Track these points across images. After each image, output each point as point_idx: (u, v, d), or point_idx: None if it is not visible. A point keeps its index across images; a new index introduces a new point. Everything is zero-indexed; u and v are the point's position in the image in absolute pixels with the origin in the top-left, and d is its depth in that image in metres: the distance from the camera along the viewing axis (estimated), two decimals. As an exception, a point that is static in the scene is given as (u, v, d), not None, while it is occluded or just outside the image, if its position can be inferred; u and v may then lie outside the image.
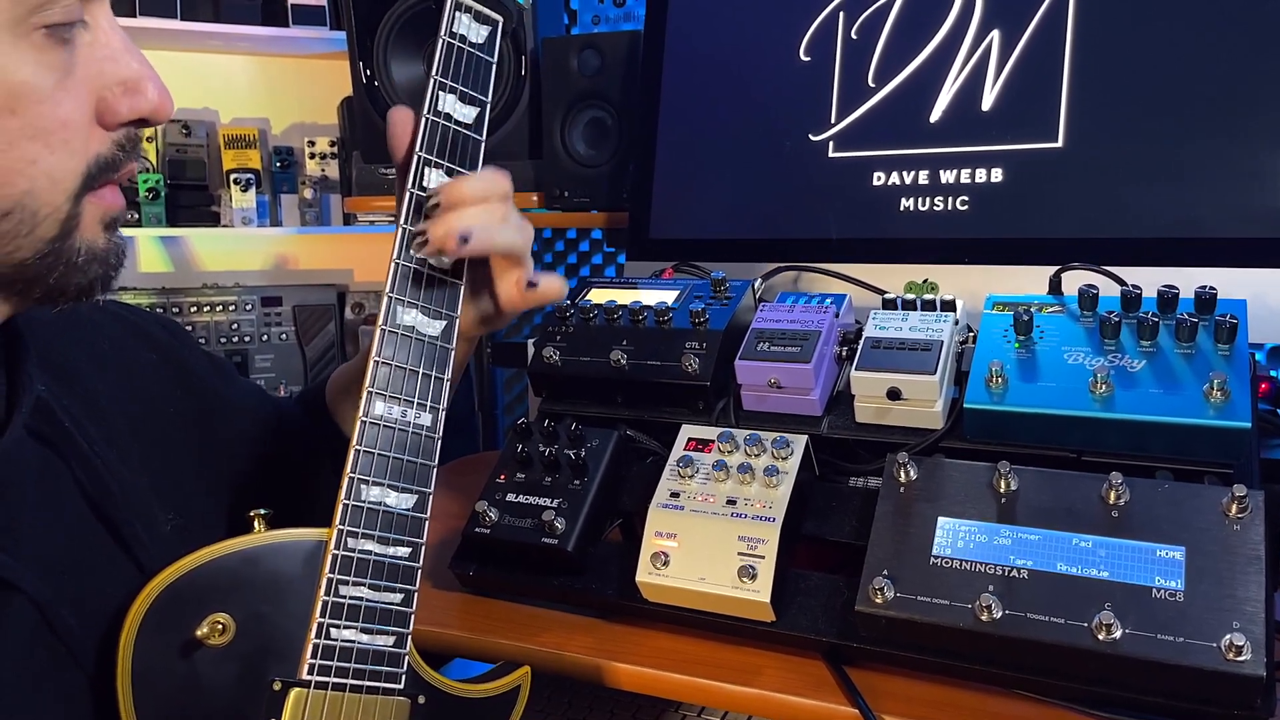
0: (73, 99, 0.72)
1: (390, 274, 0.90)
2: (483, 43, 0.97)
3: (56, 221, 0.73)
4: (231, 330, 3.57)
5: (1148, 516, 0.92)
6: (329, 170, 3.75)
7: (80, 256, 0.75)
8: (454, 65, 0.94)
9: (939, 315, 1.14)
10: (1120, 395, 0.99)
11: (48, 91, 0.70)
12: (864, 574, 0.98)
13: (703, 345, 1.21)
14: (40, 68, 0.69)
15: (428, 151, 0.92)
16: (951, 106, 1.40)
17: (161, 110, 0.76)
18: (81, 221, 0.75)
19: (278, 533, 0.84)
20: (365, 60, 2.05)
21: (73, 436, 0.82)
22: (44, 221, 0.72)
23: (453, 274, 0.93)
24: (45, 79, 0.70)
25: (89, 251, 0.76)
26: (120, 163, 0.76)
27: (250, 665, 0.81)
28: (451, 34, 0.94)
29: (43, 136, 0.70)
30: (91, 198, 0.75)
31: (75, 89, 0.72)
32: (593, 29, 2.45)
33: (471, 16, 0.95)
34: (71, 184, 0.73)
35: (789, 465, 1.08)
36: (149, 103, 0.75)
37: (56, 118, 0.71)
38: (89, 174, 0.74)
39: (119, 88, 0.74)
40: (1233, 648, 0.82)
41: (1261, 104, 1.22)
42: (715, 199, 1.60)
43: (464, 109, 0.95)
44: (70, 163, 0.72)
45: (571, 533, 1.13)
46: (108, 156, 0.75)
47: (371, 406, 0.88)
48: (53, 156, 0.71)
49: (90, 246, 0.76)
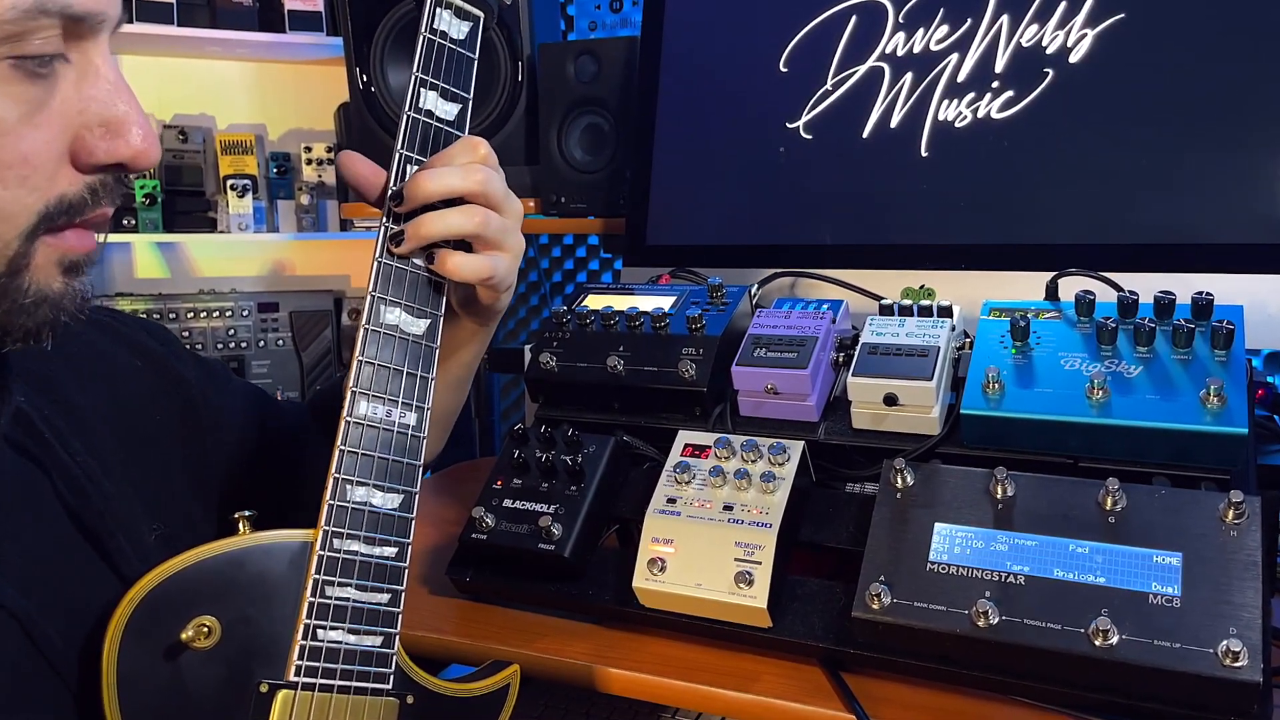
0: (41, 134, 0.68)
1: (373, 273, 0.89)
2: (464, 39, 0.96)
3: (4, 258, 0.69)
4: (228, 336, 3.56)
5: (1144, 522, 0.92)
6: (326, 176, 3.74)
7: (28, 298, 0.71)
8: (435, 62, 0.93)
9: (936, 321, 1.14)
10: (1117, 401, 0.99)
11: (9, 124, 0.66)
12: (861, 580, 0.98)
13: (699, 351, 1.21)
14: (3, 100, 0.66)
15: (409, 149, 0.92)
16: (959, 111, 1.41)
17: (143, 157, 0.72)
18: (33, 262, 0.70)
19: (263, 534, 0.83)
20: (362, 66, 2.05)
21: (53, 447, 0.80)
22: None
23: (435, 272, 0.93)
24: (7, 111, 0.66)
25: (38, 293, 0.71)
26: (87, 206, 0.72)
27: (237, 668, 0.80)
28: (432, 30, 0.93)
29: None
30: (49, 238, 0.71)
31: (47, 124, 0.68)
32: (589, 35, 2.45)
33: (452, 13, 0.95)
34: (24, 221, 0.69)
35: (786, 471, 1.08)
36: (130, 148, 0.72)
37: (17, 151, 0.67)
38: (47, 213, 0.70)
39: (100, 129, 0.71)
40: (1229, 653, 0.82)
41: (1258, 111, 1.22)
42: (712, 205, 1.60)
43: (446, 106, 0.94)
44: (27, 199, 0.68)
45: (568, 539, 1.12)
46: (73, 198, 0.71)
47: (356, 406, 0.87)
48: (5, 191, 0.67)
49: (41, 289, 0.71)
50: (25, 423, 0.79)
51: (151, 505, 0.90)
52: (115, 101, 0.71)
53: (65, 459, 0.81)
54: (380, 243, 0.90)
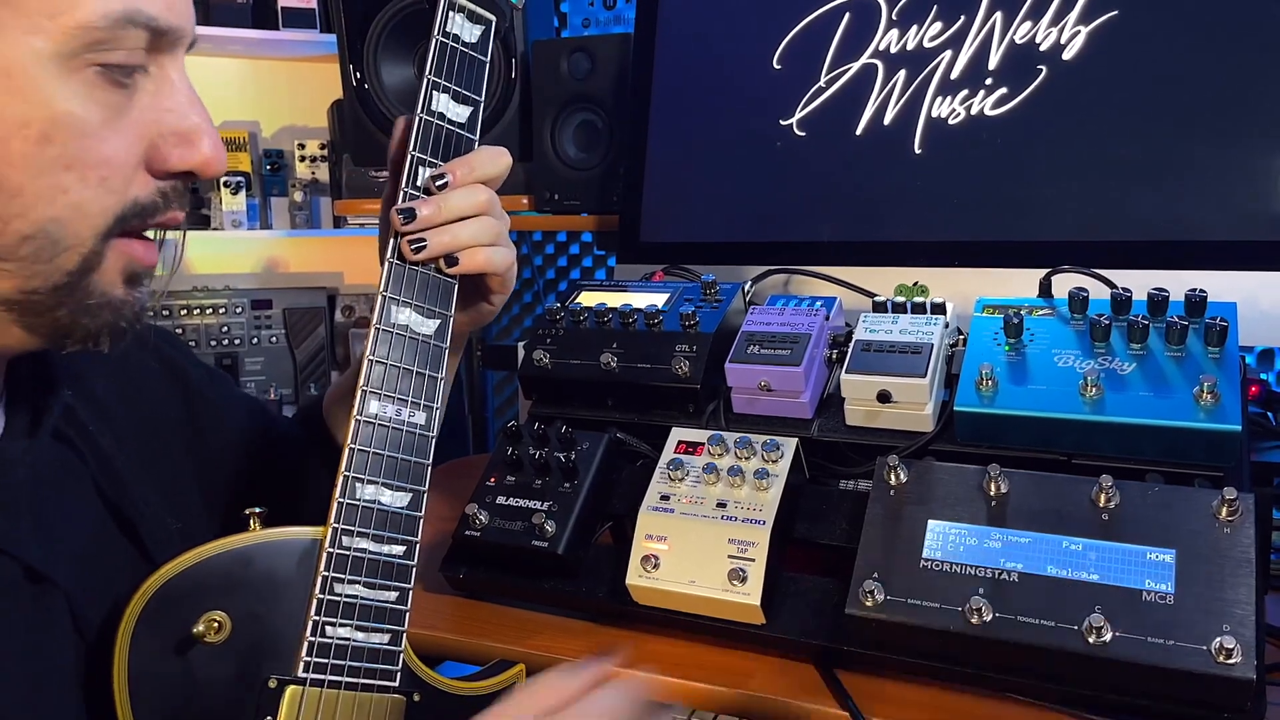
0: (121, 139, 0.72)
1: (384, 273, 0.90)
2: (476, 42, 0.97)
3: (79, 255, 0.72)
4: (222, 333, 3.55)
5: (1138, 519, 0.92)
6: (319, 173, 3.74)
7: (92, 299, 0.74)
8: (447, 65, 0.94)
9: (929, 318, 1.14)
10: (1110, 398, 0.99)
11: (93, 127, 0.70)
12: (854, 577, 0.98)
13: (693, 348, 1.21)
14: (89, 103, 0.70)
15: (421, 151, 0.93)
16: (959, 108, 1.41)
17: (211, 166, 0.76)
18: (104, 264, 0.74)
19: (273, 531, 0.84)
20: (355, 63, 2.04)
21: (95, 440, 0.84)
22: (64, 253, 0.71)
23: (448, 275, 0.94)
24: (92, 114, 0.70)
25: (102, 296, 0.75)
26: (158, 210, 0.76)
27: (246, 662, 0.82)
28: (445, 33, 0.94)
29: (79, 169, 0.70)
30: (120, 243, 0.74)
31: (126, 130, 0.72)
32: (583, 32, 2.44)
33: (465, 16, 0.96)
34: (102, 221, 0.72)
35: (779, 468, 1.08)
36: (200, 156, 0.75)
37: (100, 154, 0.71)
38: (123, 215, 0.73)
39: (174, 138, 0.75)
40: (1223, 650, 0.82)
41: (1251, 108, 1.23)
42: (706, 202, 1.60)
43: (457, 108, 0.95)
44: (105, 200, 0.72)
45: (562, 536, 1.12)
46: (146, 202, 0.75)
47: (366, 405, 0.88)
48: (86, 190, 0.71)
49: (106, 292, 0.75)
50: (73, 418, 0.83)
51: (170, 501, 0.93)
52: (189, 113, 0.76)
53: (105, 451, 0.85)
54: (392, 244, 0.90)
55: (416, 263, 0.91)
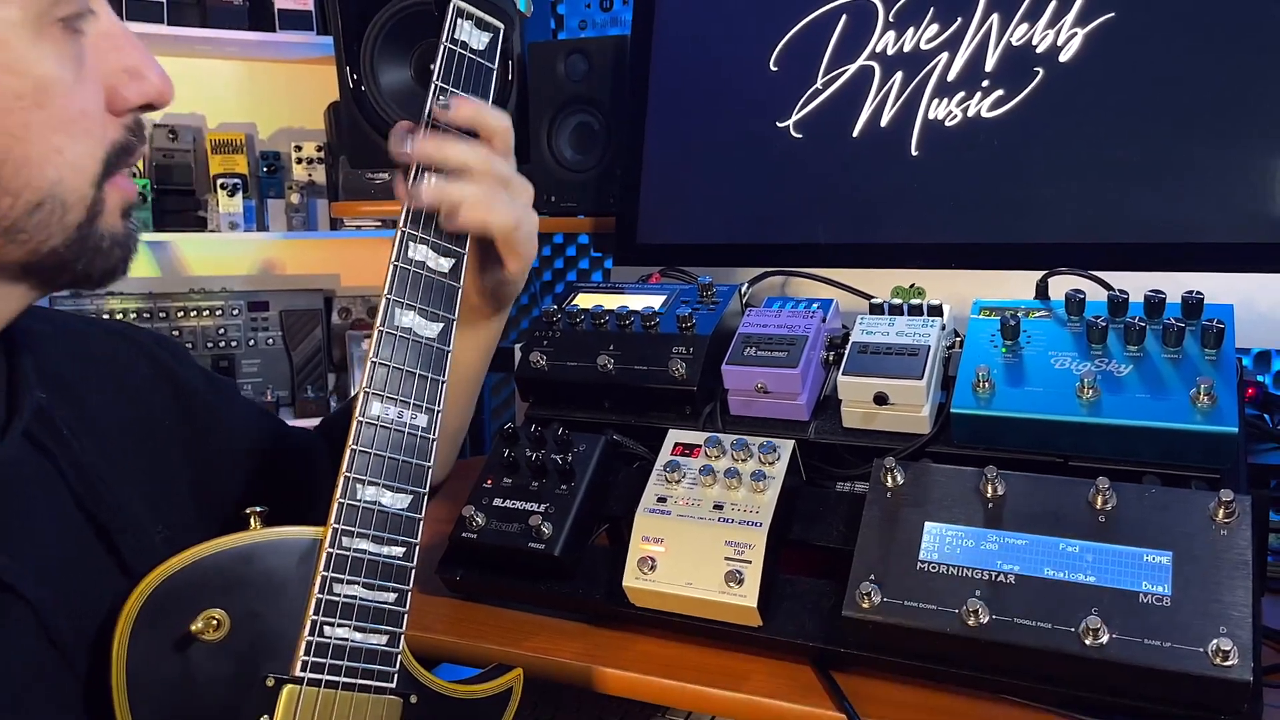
0: (88, 88, 0.75)
1: (389, 276, 0.91)
2: (483, 49, 0.98)
3: (84, 207, 0.76)
4: (218, 335, 3.56)
5: (1135, 521, 0.92)
6: (316, 175, 3.74)
7: (105, 241, 0.78)
8: (455, 71, 0.95)
9: (926, 320, 1.14)
10: (1107, 400, 0.99)
11: (69, 83, 0.73)
12: (851, 579, 0.98)
13: (690, 350, 1.21)
14: (61, 60, 0.72)
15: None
16: (957, 110, 1.41)
17: (165, 94, 0.79)
18: (105, 207, 0.77)
19: (273, 530, 0.84)
20: (352, 65, 2.04)
21: (70, 445, 0.83)
22: (72, 208, 0.75)
23: (451, 276, 0.94)
24: (66, 71, 0.73)
25: (111, 236, 0.79)
26: (134, 147, 0.79)
27: (244, 661, 0.82)
28: (453, 40, 0.95)
29: (66, 127, 0.73)
30: (110, 184, 0.78)
31: (88, 79, 0.75)
32: (580, 34, 2.45)
33: (473, 23, 0.96)
34: (94, 170, 0.76)
35: (776, 470, 1.08)
36: (154, 87, 0.79)
37: (77, 107, 0.74)
38: (109, 160, 0.77)
39: (125, 74, 0.77)
40: (1220, 652, 0.82)
41: (1248, 109, 1.23)
42: (702, 204, 1.60)
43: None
44: (93, 149, 0.76)
45: (558, 538, 1.12)
46: (122, 142, 0.78)
47: (368, 407, 0.88)
48: (76, 145, 0.74)
49: (112, 231, 0.79)
50: (45, 420, 0.82)
51: (157, 508, 0.92)
52: (130, 49, 0.78)
53: (80, 457, 0.84)
54: (397, 246, 0.91)
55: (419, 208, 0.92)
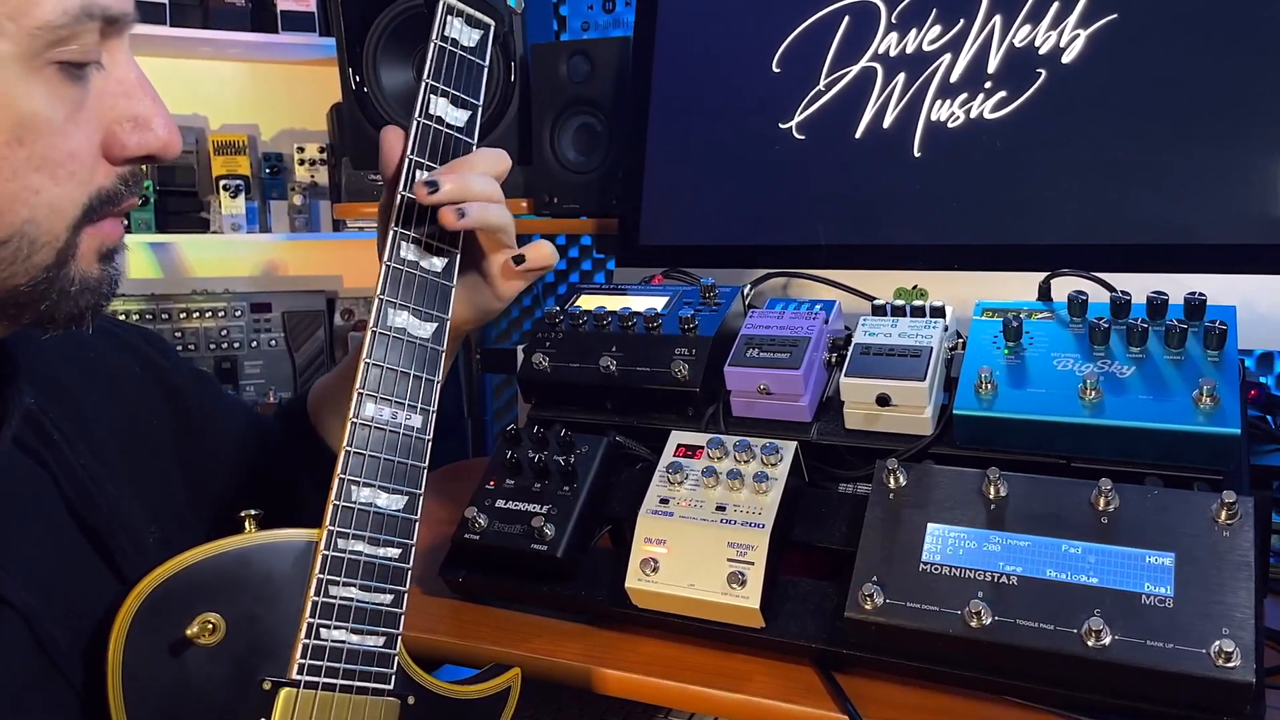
0: (82, 132, 0.72)
1: (381, 276, 0.90)
2: (474, 46, 0.97)
3: (53, 250, 0.73)
4: (221, 336, 3.55)
5: (1137, 523, 0.92)
6: (318, 176, 3.74)
7: (74, 285, 0.75)
8: (445, 69, 0.94)
9: (928, 321, 1.14)
10: (1110, 401, 0.99)
11: (58, 124, 0.70)
12: (853, 580, 0.98)
13: (692, 351, 1.21)
14: (52, 100, 0.69)
15: (419, 155, 0.93)
16: (959, 112, 1.41)
17: (169, 148, 0.77)
18: (78, 251, 0.74)
19: (268, 533, 0.84)
20: (355, 66, 2.04)
21: (60, 449, 0.82)
22: (41, 249, 0.72)
23: (444, 276, 0.94)
24: (56, 112, 0.70)
25: (82, 281, 0.75)
26: (122, 197, 0.76)
27: (240, 665, 0.81)
28: (443, 38, 0.94)
29: (49, 168, 0.70)
30: (90, 229, 0.75)
31: (85, 122, 0.72)
32: (582, 35, 2.45)
33: (463, 20, 0.96)
34: (72, 214, 0.73)
35: (778, 471, 1.08)
36: (158, 140, 0.76)
37: (65, 149, 0.71)
38: (90, 206, 0.74)
39: (129, 124, 0.75)
40: (1222, 654, 0.82)
41: (1251, 111, 1.23)
42: (705, 205, 1.60)
43: (455, 112, 0.95)
44: (74, 194, 0.73)
45: (561, 539, 1.12)
46: (110, 190, 0.75)
47: (362, 408, 0.88)
48: (57, 188, 0.71)
49: (84, 276, 0.75)
50: (35, 424, 0.81)
51: (151, 509, 0.91)
52: (142, 98, 0.76)
53: (71, 461, 0.83)
54: (390, 246, 0.90)
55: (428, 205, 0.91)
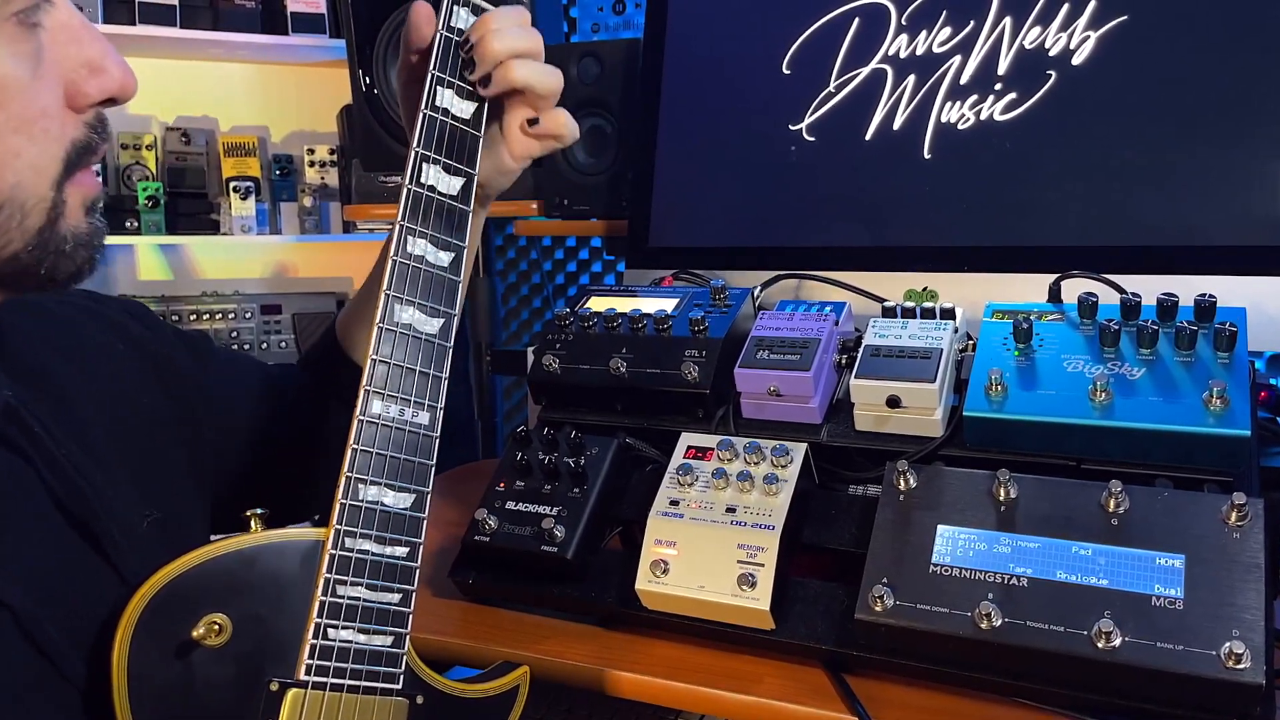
0: (46, 87, 0.71)
1: (387, 271, 0.89)
2: None
3: (44, 210, 0.73)
4: (231, 338, 3.56)
5: (1147, 524, 0.92)
6: (328, 178, 3.75)
7: (68, 244, 0.75)
8: (451, 60, 0.94)
9: (938, 323, 1.14)
10: (1120, 403, 0.99)
11: (26, 82, 0.70)
12: (863, 582, 0.98)
13: (702, 353, 1.21)
14: (17, 58, 0.69)
15: (425, 147, 0.92)
16: (968, 113, 1.41)
17: (128, 87, 0.76)
18: (66, 208, 0.75)
19: (274, 532, 0.83)
20: (365, 68, 2.05)
21: (42, 441, 0.80)
22: (32, 212, 0.72)
23: (451, 270, 0.93)
24: (23, 69, 0.69)
25: (75, 237, 0.76)
26: (96, 145, 0.76)
27: (247, 666, 0.81)
28: (449, 28, 0.94)
29: (25, 128, 0.70)
30: (71, 184, 0.75)
31: (47, 76, 0.71)
32: (592, 37, 2.45)
33: (469, 10, 0.95)
34: (54, 171, 0.73)
35: (788, 473, 1.08)
36: (114, 81, 0.75)
37: (36, 107, 0.71)
38: (69, 160, 0.74)
39: (84, 69, 0.74)
40: (1232, 655, 0.82)
41: (1261, 112, 1.22)
42: (715, 207, 1.61)
43: (461, 104, 0.95)
44: (52, 150, 0.72)
45: (571, 541, 1.12)
46: (83, 140, 0.75)
47: (369, 405, 0.87)
48: (34, 147, 0.71)
49: (75, 232, 0.76)
50: (14, 417, 0.79)
51: (146, 491, 0.90)
52: (90, 40, 0.75)
53: (54, 452, 0.81)
54: (396, 241, 0.90)
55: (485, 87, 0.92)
